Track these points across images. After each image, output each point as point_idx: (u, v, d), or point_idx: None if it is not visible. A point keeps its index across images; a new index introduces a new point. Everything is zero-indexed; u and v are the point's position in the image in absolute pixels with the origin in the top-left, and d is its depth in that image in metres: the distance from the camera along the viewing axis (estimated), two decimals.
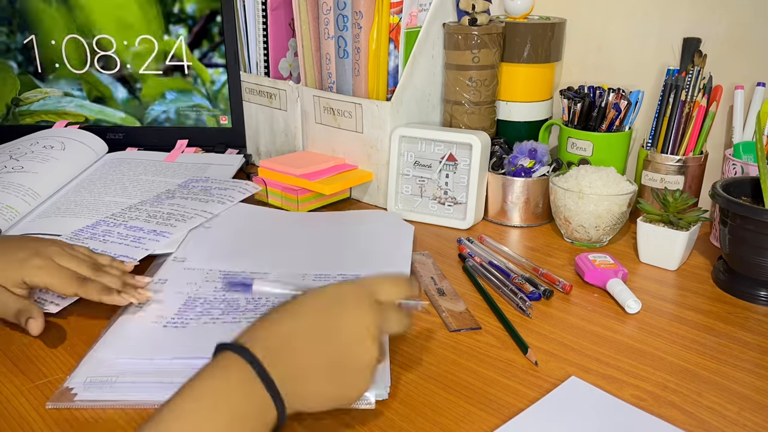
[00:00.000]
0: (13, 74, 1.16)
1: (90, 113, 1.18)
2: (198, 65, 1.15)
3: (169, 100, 1.17)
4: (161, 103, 1.17)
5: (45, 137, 1.07)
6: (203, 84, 1.16)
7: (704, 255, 0.83)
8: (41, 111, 1.18)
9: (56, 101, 1.18)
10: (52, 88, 1.17)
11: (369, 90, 0.96)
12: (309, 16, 0.99)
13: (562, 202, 0.84)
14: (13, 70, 1.16)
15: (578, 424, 0.51)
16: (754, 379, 0.58)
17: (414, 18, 0.95)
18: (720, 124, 0.92)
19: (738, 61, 0.89)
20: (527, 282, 0.73)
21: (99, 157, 1.08)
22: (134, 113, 1.18)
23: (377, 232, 0.87)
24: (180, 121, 1.17)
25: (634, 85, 0.94)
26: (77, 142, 1.07)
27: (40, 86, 1.17)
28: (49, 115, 1.18)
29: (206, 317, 0.65)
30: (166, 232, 0.80)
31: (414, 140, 0.94)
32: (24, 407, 0.54)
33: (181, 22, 1.13)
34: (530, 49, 0.97)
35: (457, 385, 0.57)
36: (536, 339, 0.64)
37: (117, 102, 1.17)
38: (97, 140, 1.10)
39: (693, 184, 0.88)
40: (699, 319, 0.68)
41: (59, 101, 1.18)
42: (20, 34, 1.14)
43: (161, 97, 1.17)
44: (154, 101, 1.17)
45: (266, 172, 0.99)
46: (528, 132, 1.01)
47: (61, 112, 1.18)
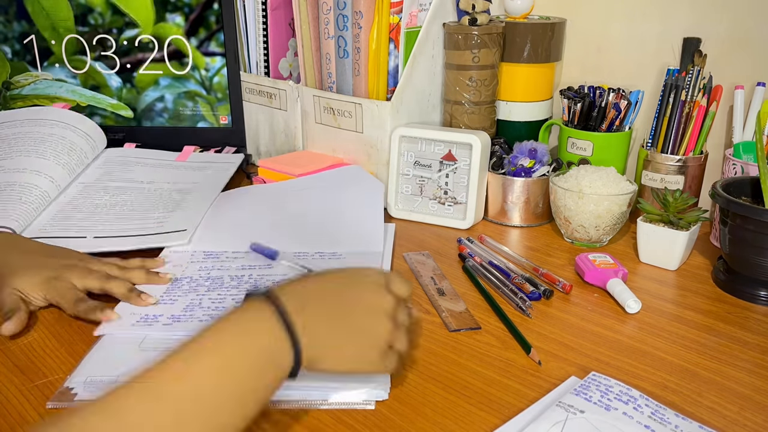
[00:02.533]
0: (4, 58, 1.16)
1: (82, 99, 1.17)
2: (194, 52, 1.14)
3: (162, 86, 1.16)
4: (155, 89, 1.16)
5: (40, 121, 1.03)
6: (198, 71, 1.15)
7: (704, 255, 0.83)
8: (32, 95, 1.17)
9: (48, 85, 1.17)
10: (45, 73, 1.17)
11: (369, 90, 0.96)
12: (309, 16, 0.99)
13: (562, 202, 0.84)
14: (6, 54, 1.16)
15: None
16: (754, 379, 0.58)
17: (414, 18, 0.95)
18: (720, 124, 0.92)
19: (738, 61, 0.89)
20: (527, 282, 0.73)
21: (100, 151, 1.07)
22: (128, 100, 1.17)
23: (349, 198, 0.90)
24: (176, 111, 1.17)
25: (634, 85, 0.94)
26: (81, 132, 1.05)
27: (31, 72, 1.16)
28: (41, 100, 1.17)
29: (193, 294, 0.69)
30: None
31: (414, 140, 0.94)
32: (24, 407, 0.54)
33: (178, 10, 1.13)
34: (530, 49, 0.97)
35: (457, 385, 0.57)
36: (536, 339, 0.64)
37: (111, 89, 1.17)
38: (98, 131, 1.08)
39: (693, 184, 0.88)
40: (699, 319, 0.68)
41: (51, 85, 1.17)
42: (17, 22, 1.14)
43: (155, 84, 1.16)
44: (148, 87, 1.16)
45: (266, 172, 0.99)
46: (528, 132, 1.01)
47: (53, 97, 1.17)
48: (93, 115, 1.18)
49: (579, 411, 0.51)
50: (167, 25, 1.14)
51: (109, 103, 1.17)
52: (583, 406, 0.52)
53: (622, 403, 0.52)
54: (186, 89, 1.16)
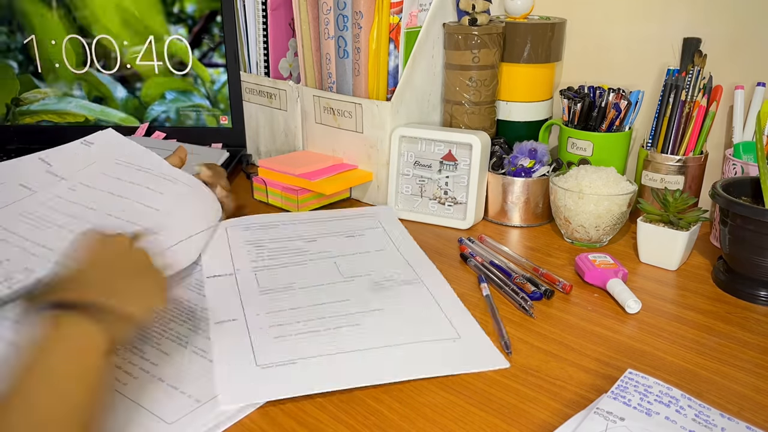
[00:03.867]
0: (13, 74, 1.17)
1: (90, 113, 1.18)
2: (198, 65, 1.15)
3: (169, 100, 1.17)
4: (161, 104, 1.17)
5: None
6: (203, 84, 1.16)
7: (704, 255, 0.83)
8: (42, 111, 1.19)
9: (56, 101, 1.18)
10: (52, 88, 1.17)
11: (369, 90, 0.96)
12: (309, 16, 0.99)
13: (562, 202, 0.84)
14: (14, 69, 1.16)
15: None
16: (754, 379, 0.58)
17: (414, 18, 0.95)
18: (720, 124, 0.92)
19: (738, 61, 0.89)
20: (528, 282, 0.73)
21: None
22: (134, 113, 1.18)
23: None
24: (180, 121, 1.17)
25: (634, 85, 0.94)
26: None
27: (40, 87, 1.17)
28: (50, 115, 1.18)
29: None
30: None
31: (414, 140, 0.94)
32: None
33: (181, 22, 1.13)
34: (530, 49, 0.97)
35: (458, 385, 0.57)
36: (536, 339, 0.64)
37: (117, 102, 1.18)
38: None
39: (693, 184, 0.88)
40: (699, 319, 0.68)
41: (60, 101, 1.18)
42: (20, 34, 1.15)
43: (161, 98, 1.17)
44: (153, 101, 1.17)
45: (266, 172, 0.99)
46: (528, 132, 1.01)
47: (62, 112, 1.18)
48: (98, 128, 1.18)
49: (619, 419, 0.49)
50: (171, 40, 1.14)
51: (119, 117, 1.18)
52: (623, 413, 0.49)
53: (663, 406, 0.50)
54: (191, 103, 1.17)
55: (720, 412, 0.50)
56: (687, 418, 0.49)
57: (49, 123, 1.17)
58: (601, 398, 0.52)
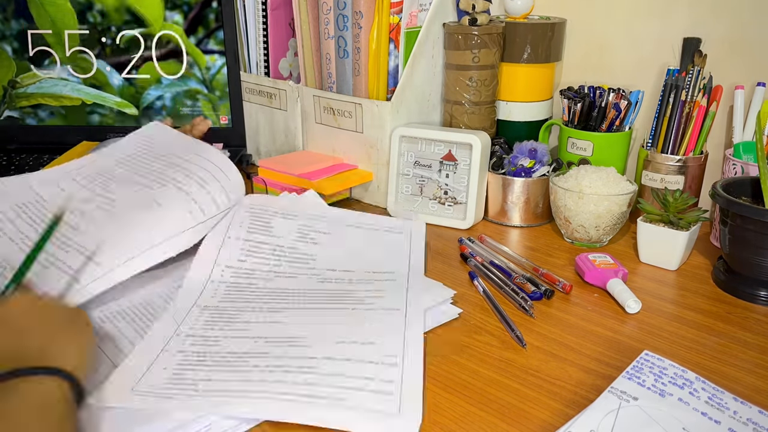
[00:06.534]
0: (8, 57, 1.17)
1: (87, 97, 1.19)
2: (194, 50, 1.15)
3: (164, 85, 1.17)
4: (157, 88, 1.17)
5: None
6: (199, 69, 1.16)
7: (704, 255, 0.83)
8: (38, 94, 1.19)
9: (53, 84, 1.18)
10: (47, 72, 1.18)
11: (369, 90, 0.96)
12: (309, 16, 0.99)
13: (562, 202, 0.84)
14: (8, 53, 1.17)
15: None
16: (754, 379, 0.58)
17: (414, 18, 0.95)
18: (720, 124, 0.92)
19: (738, 61, 0.89)
20: (528, 282, 0.73)
21: None
22: (130, 98, 1.18)
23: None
24: (176, 108, 1.18)
25: (634, 85, 0.94)
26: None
27: (36, 72, 1.18)
28: (46, 98, 1.19)
29: None
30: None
31: (414, 140, 0.94)
32: None
33: (177, 8, 1.13)
34: (530, 49, 0.97)
35: (457, 385, 0.57)
36: (536, 339, 0.64)
37: (113, 87, 1.18)
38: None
39: (693, 184, 0.88)
40: (699, 319, 0.68)
41: (56, 84, 1.18)
42: (15, 20, 1.15)
43: (157, 82, 1.17)
44: (149, 86, 1.17)
45: (266, 172, 0.99)
46: (528, 132, 1.01)
47: (58, 96, 1.19)
48: (94, 113, 1.19)
49: (632, 398, 0.49)
50: (166, 24, 1.14)
51: (115, 101, 1.18)
52: (637, 392, 0.50)
53: (677, 388, 0.50)
54: (187, 87, 1.17)
55: (733, 396, 0.50)
56: (700, 401, 0.49)
57: (45, 106, 1.18)
58: (616, 379, 0.52)
